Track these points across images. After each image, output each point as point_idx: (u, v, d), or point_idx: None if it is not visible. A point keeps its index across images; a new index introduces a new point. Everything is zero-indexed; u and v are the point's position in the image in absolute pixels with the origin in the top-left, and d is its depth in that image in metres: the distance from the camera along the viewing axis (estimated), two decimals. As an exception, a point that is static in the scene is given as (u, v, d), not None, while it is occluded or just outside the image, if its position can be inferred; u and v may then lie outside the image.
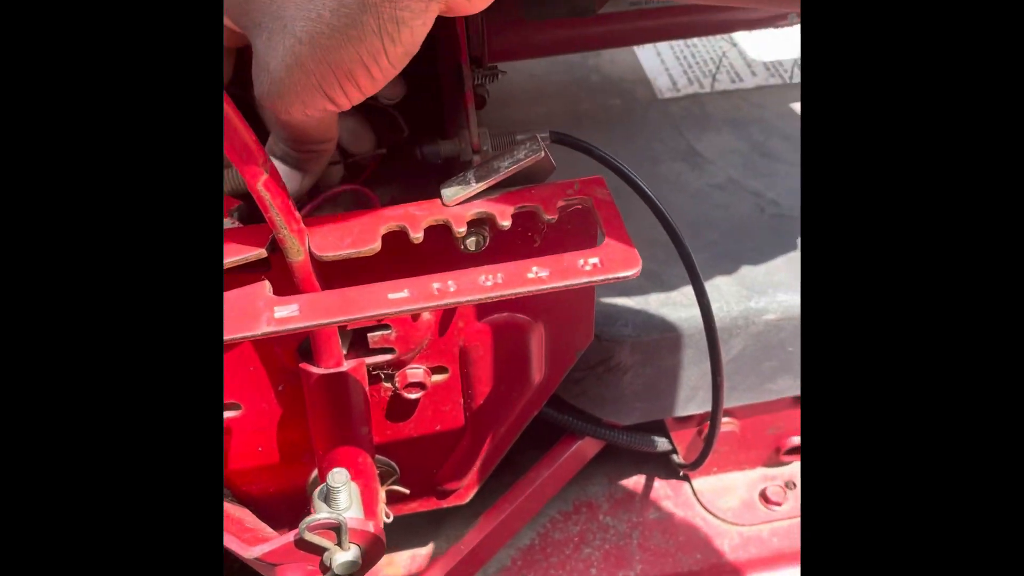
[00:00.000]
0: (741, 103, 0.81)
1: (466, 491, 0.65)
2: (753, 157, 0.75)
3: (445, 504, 0.66)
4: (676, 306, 0.64)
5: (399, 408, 0.58)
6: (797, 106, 0.81)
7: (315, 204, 0.50)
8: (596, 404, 0.68)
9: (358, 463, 0.54)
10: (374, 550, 0.46)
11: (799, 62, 0.86)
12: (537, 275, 0.44)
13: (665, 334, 0.64)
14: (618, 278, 0.44)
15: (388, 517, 0.59)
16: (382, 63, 0.38)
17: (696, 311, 0.56)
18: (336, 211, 0.49)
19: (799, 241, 0.68)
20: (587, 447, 0.74)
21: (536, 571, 0.73)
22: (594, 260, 0.44)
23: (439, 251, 0.50)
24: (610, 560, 0.74)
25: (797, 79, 0.84)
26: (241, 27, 0.40)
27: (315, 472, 0.60)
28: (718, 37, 0.90)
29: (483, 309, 0.55)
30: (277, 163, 0.47)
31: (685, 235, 0.68)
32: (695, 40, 0.89)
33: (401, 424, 0.59)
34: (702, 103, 0.81)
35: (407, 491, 0.61)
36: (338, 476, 0.46)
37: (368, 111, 0.56)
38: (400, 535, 0.74)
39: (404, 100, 0.56)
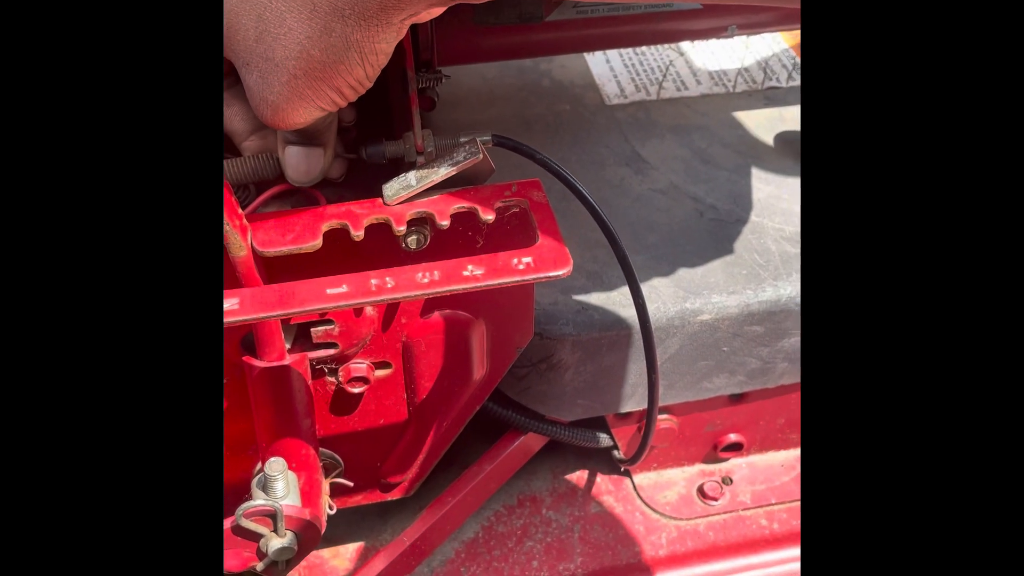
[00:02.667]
0: (685, 110, 0.84)
1: (410, 484, 0.67)
2: (695, 163, 0.78)
3: (389, 497, 0.67)
4: (616, 306, 0.66)
5: (343, 402, 0.60)
6: (739, 115, 0.84)
7: (260, 201, 0.51)
8: (539, 400, 0.70)
9: (301, 455, 0.55)
10: (310, 537, 0.48)
11: (742, 72, 0.89)
12: (472, 273, 0.45)
13: (605, 333, 0.66)
14: (549, 277, 0.46)
15: (332, 509, 0.60)
16: (362, 80, 0.44)
17: (635, 311, 0.58)
18: (282, 209, 0.51)
19: (735, 245, 0.70)
20: (531, 442, 0.75)
21: (479, 564, 0.75)
22: (527, 259, 0.46)
23: (383, 249, 0.51)
24: (552, 553, 0.76)
25: (740, 88, 0.87)
26: (229, 58, 0.45)
27: (259, 465, 0.61)
28: (666, 45, 0.93)
29: (426, 305, 0.57)
30: (294, 149, 0.50)
31: (626, 238, 0.70)
32: (643, 48, 0.92)
33: (345, 418, 0.60)
34: (648, 110, 0.84)
35: (351, 484, 0.62)
36: (275, 465, 0.47)
37: None
38: (347, 527, 0.75)
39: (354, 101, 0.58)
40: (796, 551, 0.77)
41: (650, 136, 0.80)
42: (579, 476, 0.81)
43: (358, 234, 0.47)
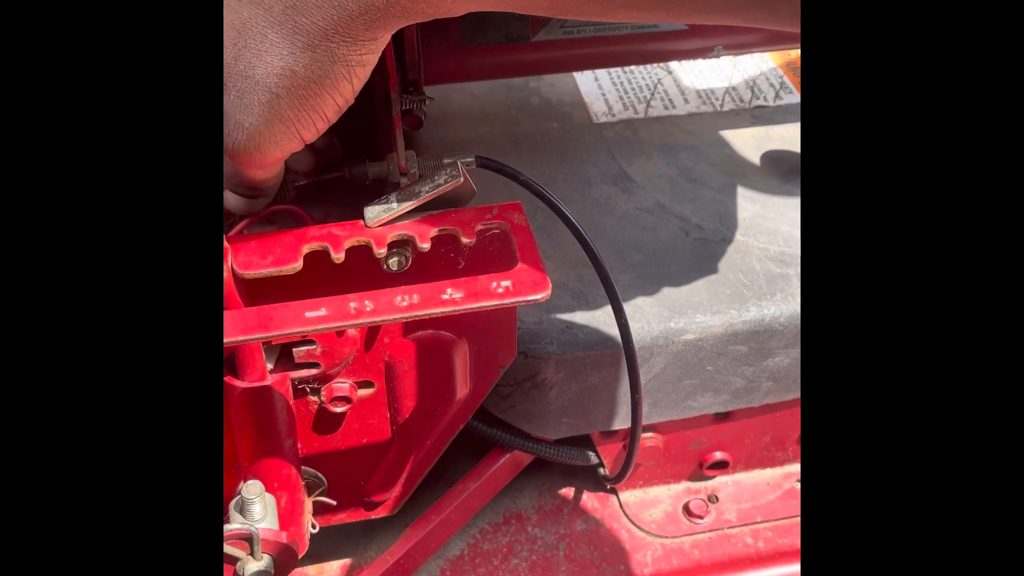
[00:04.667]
0: (673, 129, 0.84)
1: (394, 502, 0.67)
2: (681, 182, 0.78)
3: (374, 515, 0.67)
4: (601, 325, 0.66)
5: (326, 421, 0.60)
6: (726, 133, 0.84)
7: (246, 224, 0.52)
8: (524, 419, 0.70)
9: (283, 475, 0.55)
10: (286, 560, 0.48)
11: (729, 91, 0.89)
12: (451, 296, 0.46)
13: (589, 352, 0.66)
14: (527, 301, 0.46)
15: (314, 528, 0.60)
16: (348, 95, 0.43)
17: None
18: (268, 230, 0.51)
19: (720, 264, 0.71)
20: (517, 460, 0.76)
21: (464, 581, 0.75)
22: (506, 283, 0.46)
23: (364, 270, 0.52)
24: (537, 571, 0.76)
25: (728, 107, 0.87)
26: None
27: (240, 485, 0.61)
28: (654, 64, 0.93)
29: (408, 326, 0.57)
30: (229, 194, 0.49)
31: (611, 257, 0.71)
32: (632, 67, 0.92)
33: (328, 437, 0.61)
34: (635, 128, 0.84)
35: (334, 503, 0.62)
36: (252, 488, 0.47)
37: None
38: (332, 544, 0.75)
39: (340, 122, 0.58)
40: (781, 570, 0.77)
41: (637, 155, 0.81)
42: (565, 493, 0.81)
43: (338, 256, 0.47)
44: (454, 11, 0.40)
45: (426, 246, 0.48)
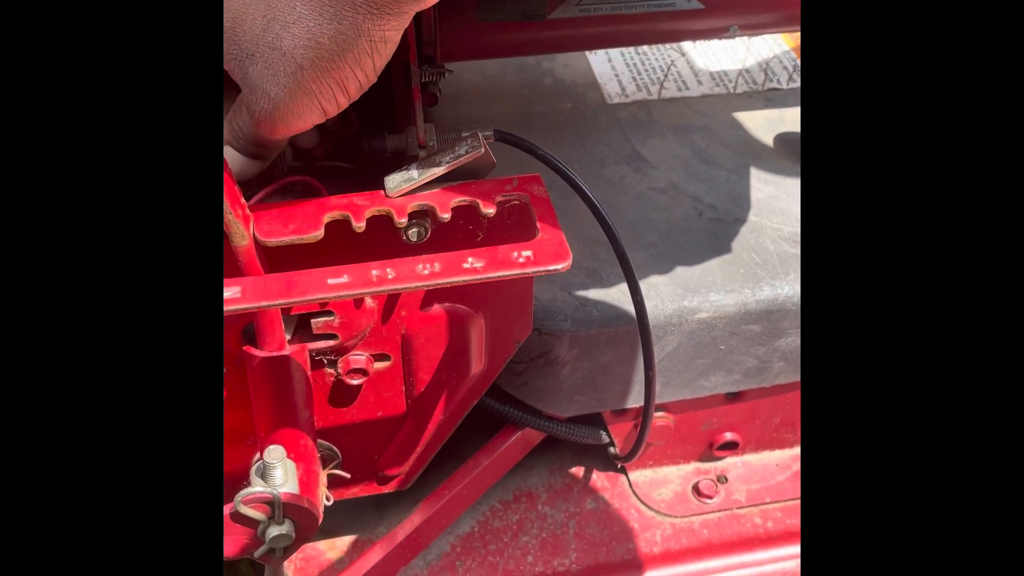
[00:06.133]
0: (686, 110, 0.84)
1: (407, 477, 0.67)
2: (694, 163, 0.78)
3: (386, 490, 0.68)
4: (614, 303, 0.67)
5: (342, 394, 0.60)
6: (739, 115, 0.84)
7: (266, 193, 0.52)
8: (536, 396, 0.71)
9: (299, 446, 0.55)
10: (307, 525, 0.48)
11: (743, 73, 0.89)
12: (473, 265, 0.46)
13: (603, 329, 0.66)
14: (549, 271, 0.46)
15: (329, 500, 0.60)
16: (370, 73, 0.44)
17: (633, 308, 0.58)
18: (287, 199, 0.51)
19: (734, 244, 0.71)
20: (528, 437, 0.76)
21: (474, 558, 0.75)
22: (527, 253, 0.46)
23: (384, 241, 0.52)
24: (547, 548, 0.76)
25: (741, 89, 0.87)
26: (228, 58, 0.44)
27: (258, 454, 0.61)
28: (668, 46, 0.93)
29: (426, 299, 0.57)
30: (231, 152, 0.48)
31: (625, 236, 0.71)
32: (645, 48, 0.92)
33: (343, 409, 0.61)
34: (649, 109, 0.84)
35: (348, 475, 0.62)
36: (274, 452, 0.47)
37: None
38: (343, 520, 0.76)
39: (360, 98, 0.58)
40: (790, 550, 0.77)
41: (651, 135, 0.81)
42: (575, 472, 0.81)
43: (359, 225, 0.48)
44: None
45: (446, 216, 0.48)
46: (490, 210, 0.49)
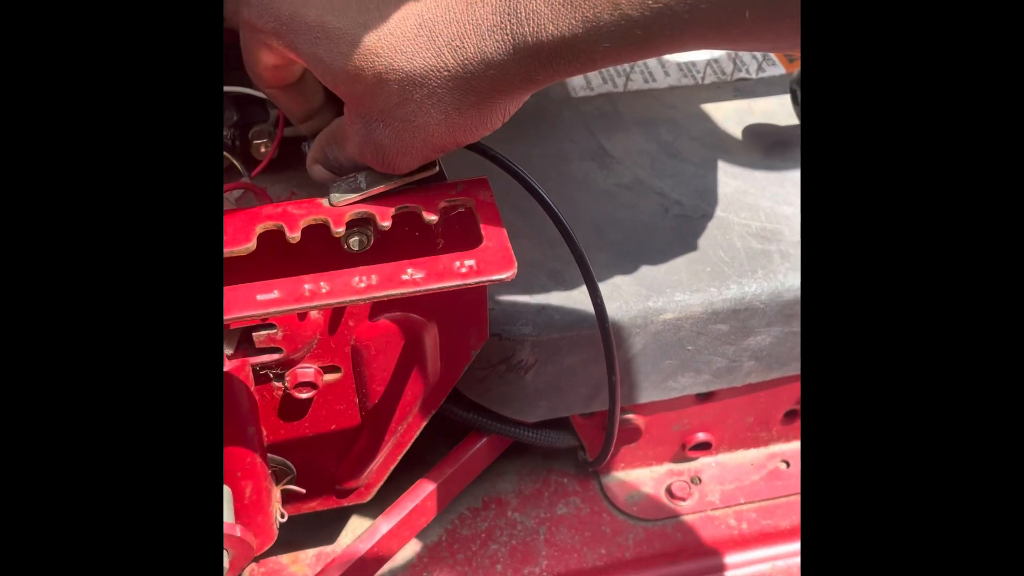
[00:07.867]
0: (653, 103, 0.82)
1: (367, 490, 0.65)
2: (661, 157, 0.76)
3: (346, 503, 0.66)
4: (577, 305, 0.65)
5: (292, 407, 0.58)
6: (707, 107, 0.82)
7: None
8: (500, 402, 0.69)
9: (246, 463, 0.53)
10: (241, 554, 0.46)
11: (711, 63, 0.87)
12: (412, 277, 0.44)
13: (565, 333, 0.64)
14: (492, 280, 0.44)
15: (283, 516, 0.59)
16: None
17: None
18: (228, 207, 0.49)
19: (700, 242, 0.69)
20: (495, 444, 0.74)
21: (442, 567, 0.73)
22: (470, 262, 0.44)
23: (326, 252, 0.50)
24: (516, 556, 0.74)
25: (709, 79, 0.85)
26: (353, 114, 0.46)
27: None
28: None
29: (374, 308, 0.55)
30: (323, 172, 0.50)
31: (589, 235, 0.68)
32: (612, 39, 0.90)
33: (295, 423, 0.59)
34: (615, 102, 0.82)
35: (303, 491, 0.60)
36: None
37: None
38: (305, 532, 0.74)
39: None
40: (765, 552, 0.76)
41: (616, 129, 0.79)
42: (545, 477, 0.79)
43: (294, 236, 0.45)
44: (586, 68, 0.42)
45: (387, 224, 0.46)
46: (432, 217, 0.47)
